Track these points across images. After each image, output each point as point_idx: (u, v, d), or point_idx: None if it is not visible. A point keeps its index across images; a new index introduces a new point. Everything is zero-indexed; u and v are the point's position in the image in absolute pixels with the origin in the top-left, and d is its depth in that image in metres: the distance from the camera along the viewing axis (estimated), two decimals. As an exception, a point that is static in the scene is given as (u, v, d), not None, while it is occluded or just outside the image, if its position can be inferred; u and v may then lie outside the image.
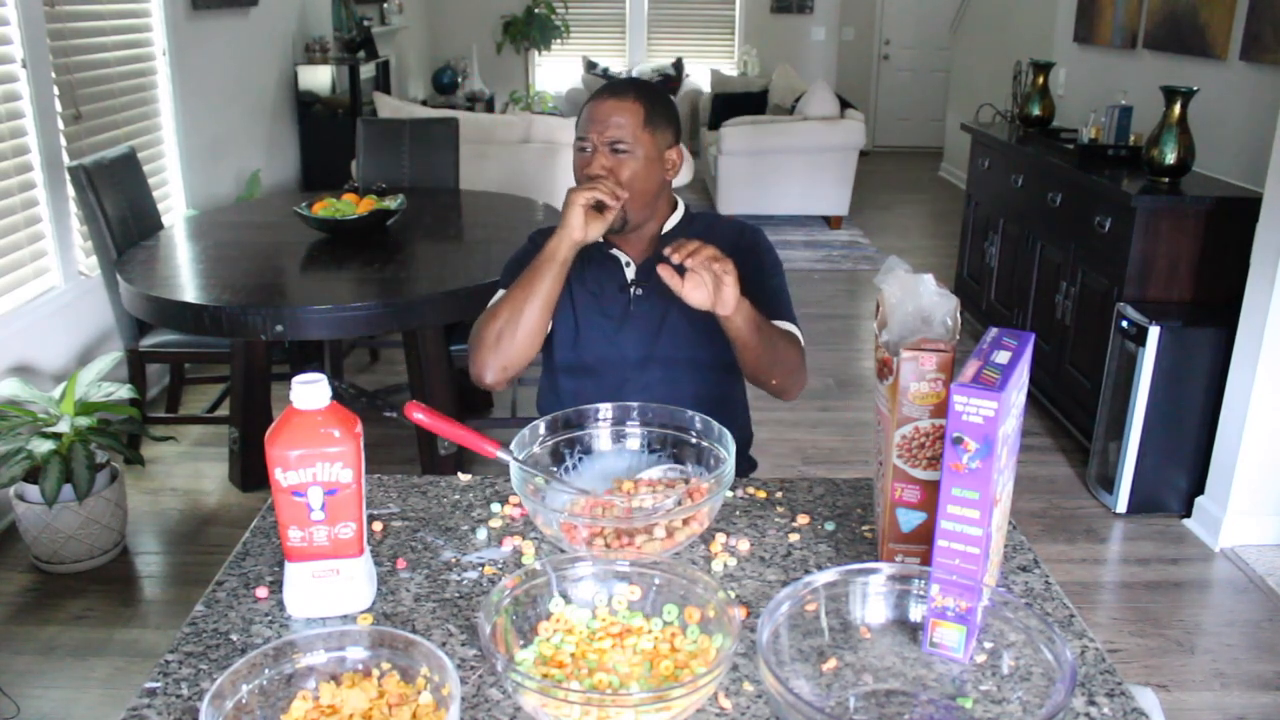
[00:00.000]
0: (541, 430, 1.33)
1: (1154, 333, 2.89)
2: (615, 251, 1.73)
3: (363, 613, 1.13)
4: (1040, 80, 4.29)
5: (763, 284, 1.69)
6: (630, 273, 1.73)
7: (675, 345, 1.70)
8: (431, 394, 2.87)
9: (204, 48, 4.34)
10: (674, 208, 1.75)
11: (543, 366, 1.80)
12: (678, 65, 9.10)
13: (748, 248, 1.72)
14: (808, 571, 1.20)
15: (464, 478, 1.44)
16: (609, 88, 1.68)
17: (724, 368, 1.70)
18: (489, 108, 8.19)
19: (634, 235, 1.72)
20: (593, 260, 1.72)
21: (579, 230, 1.57)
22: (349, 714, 0.91)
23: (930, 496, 1.08)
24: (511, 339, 1.59)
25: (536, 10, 8.71)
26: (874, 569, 1.04)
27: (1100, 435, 3.17)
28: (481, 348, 1.62)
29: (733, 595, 1.04)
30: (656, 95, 1.68)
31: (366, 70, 5.88)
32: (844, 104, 6.70)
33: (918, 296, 1.12)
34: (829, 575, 1.01)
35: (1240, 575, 2.76)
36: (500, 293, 1.72)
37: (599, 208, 1.58)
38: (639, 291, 1.71)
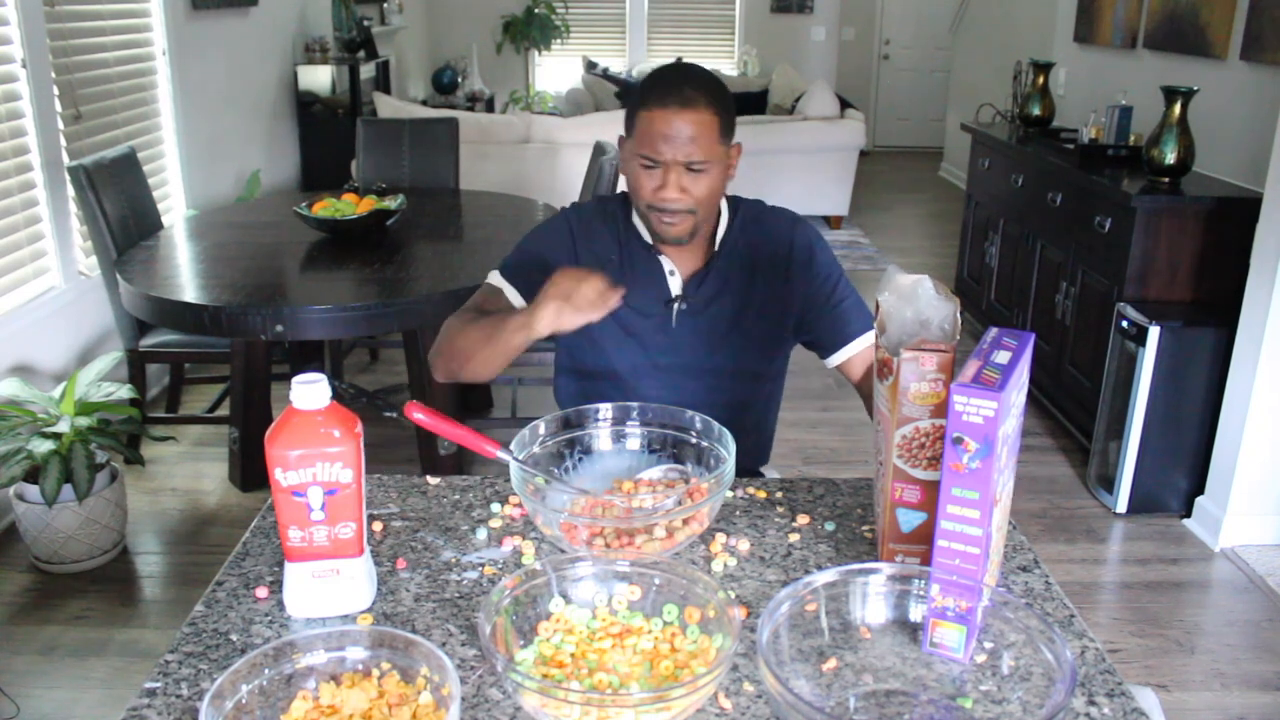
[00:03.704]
0: (541, 430, 1.33)
1: (1154, 333, 2.89)
2: (662, 259, 1.59)
3: (363, 613, 1.13)
4: (1040, 80, 4.29)
5: (837, 299, 1.60)
6: (675, 285, 1.60)
7: (719, 356, 1.61)
8: (431, 394, 2.87)
9: (204, 48, 4.34)
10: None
11: (557, 367, 1.72)
12: (678, 65, 9.08)
13: (805, 259, 1.61)
14: (808, 571, 1.20)
15: (464, 478, 1.44)
16: (676, 94, 1.46)
17: (761, 376, 1.65)
18: (489, 108, 8.18)
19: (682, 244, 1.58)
20: (635, 268, 1.59)
21: (545, 330, 1.40)
22: (349, 714, 0.91)
23: (930, 496, 1.08)
24: (462, 369, 1.54)
25: (536, 10, 8.71)
26: (874, 569, 1.04)
27: (1100, 435, 3.17)
28: (441, 353, 1.57)
29: (733, 595, 1.04)
30: (724, 96, 1.51)
31: (366, 70, 5.88)
32: (844, 104, 6.70)
33: (915, 299, 1.12)
34: (829, 575, 1.01)
35: (1240, 575, 2.76)
36: (494, 278, 1.62)
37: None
38: (683, 307, 1.59)
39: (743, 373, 1.64)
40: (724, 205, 1.63)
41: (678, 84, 1.48)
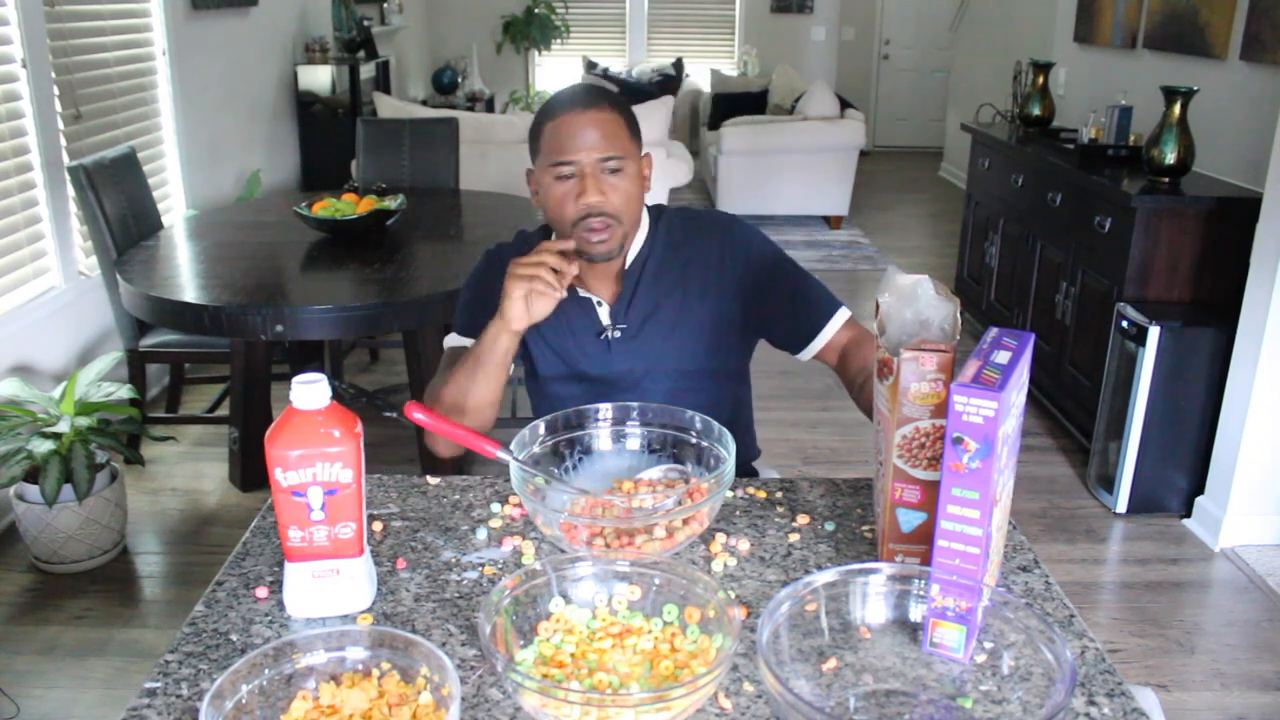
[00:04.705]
0: (541, 430, 1.33)
1: (1154, 333, 2.89)
2: (585, 294, 1.56)
3: (363, 613, 1.13)
4: (1040, 80, 4.29)
5: (790, 295, 1.56)
6: (604, 315, 1.57)
7: (670, 360, 1.59)
8: (431, 394, 2.87)
9: (204, 48, 4.34)
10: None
11: (526, 372, 1.70)
12: (678, 65, 9.10)
13: (745, 263, 1.56)
14: (808, 571, 1.20)
15: (464, 478, 1.44)
16: (576, 100, 1.46)
17: (720, 374, 1.63)
18: (489, 108, 8.19)
19: (599, 271, 1.56)
20: (564, 308, 1.53)
21: (520, 321, 1.41)
22: (349, 714, 0.91)
23: (930, 496, 1.08)
24: (463, 417, 1.49)
25: (536, 10, 8.71)
26: (874, 569, 1.04)
27: (1100, 435, 3.17)
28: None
29: (733, 595, 1.04)
30: (623, 101, 1.51)
31: (366, 70, 5.88)
32: (844, 104, 6.70)
33: (915, 300, 1.12)
34: (829, 575, 1.01)
35: (1240, 575, 2.76)
36: (452, 340, 1.60)
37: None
38: (616, 334, 1.57)
39: (695, 374, 1.60)
40: (644, 219, 1.58)
41: (576, 92, 1.49)
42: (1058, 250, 3.65)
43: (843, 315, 1.57)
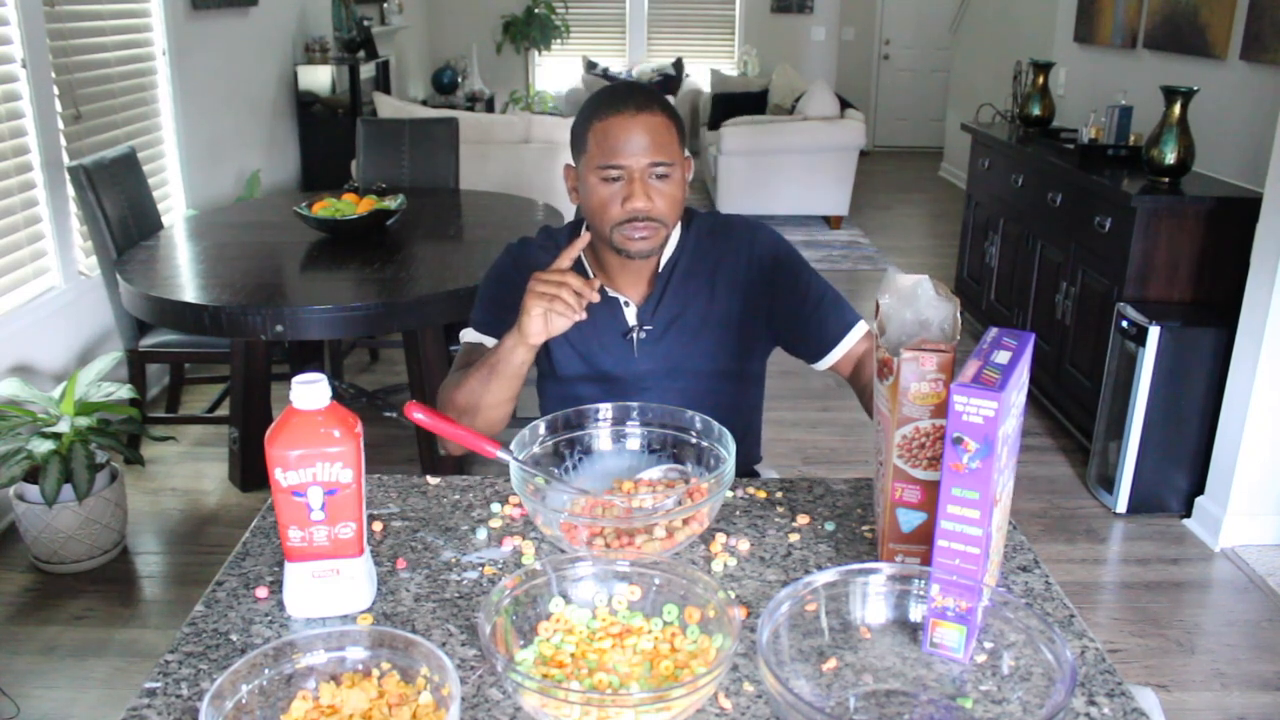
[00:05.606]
0: (541, 430, 1.33)
1: (1154, 333, 2.89)
2: (613, 293, 1.56)
3: (363, 613, 1.13)
4: (1040, 80, 4.29)
5: (812, 305, 1.56)
6: (631, 315, 1.57)
7: (687, 371, 1.59)
8: (431, 394, 2.87)
9: (204, 48, 4.34)
10: None
11: (540, 372, 1.69)
12: (678, 65, 9.10)
13: (770, 270, 1.57)
14: (808, 571, 1.20)
15: (464, 478, 1.44)
16: (628, 101, 1.44)
17: (736, 378, 1.63)
18: (489, 108, 8.19)
19: (631, 270, 1.56)
20: (589, 306, 1.49)
21: (538, 337, 1.40)
22: (349, 714, 0.91)
23: (930, 496, 1.08)
24: (474, 422, 1.50)
25: (536, 10, 8.71)
26: (874, 569, 1.04)
27: (1100, 435, 3.17)
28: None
29: (733, 595, 1.04)
30: (670, 104, 1.50)
31: (366, 70, 5.89)
32: (844, 104, 6.71)
33: (915, 300, 1.12)
34: (829, 575, 1.01)
35: (1240, 575, 2.76)
36: (468, 335, 1.60)
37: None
38: (643, 335, 1.57)
39: (714, 376, 1.61)
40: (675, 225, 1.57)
41: (628, 93, 1.47)
42: (1058, 250, 3.65)
43: (861, 328, 1.57)
